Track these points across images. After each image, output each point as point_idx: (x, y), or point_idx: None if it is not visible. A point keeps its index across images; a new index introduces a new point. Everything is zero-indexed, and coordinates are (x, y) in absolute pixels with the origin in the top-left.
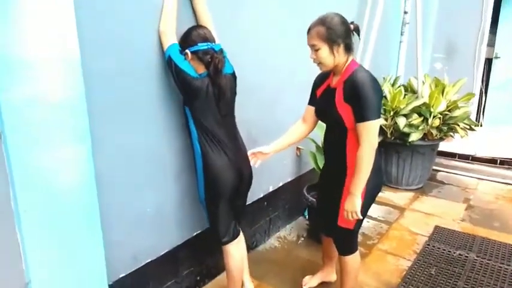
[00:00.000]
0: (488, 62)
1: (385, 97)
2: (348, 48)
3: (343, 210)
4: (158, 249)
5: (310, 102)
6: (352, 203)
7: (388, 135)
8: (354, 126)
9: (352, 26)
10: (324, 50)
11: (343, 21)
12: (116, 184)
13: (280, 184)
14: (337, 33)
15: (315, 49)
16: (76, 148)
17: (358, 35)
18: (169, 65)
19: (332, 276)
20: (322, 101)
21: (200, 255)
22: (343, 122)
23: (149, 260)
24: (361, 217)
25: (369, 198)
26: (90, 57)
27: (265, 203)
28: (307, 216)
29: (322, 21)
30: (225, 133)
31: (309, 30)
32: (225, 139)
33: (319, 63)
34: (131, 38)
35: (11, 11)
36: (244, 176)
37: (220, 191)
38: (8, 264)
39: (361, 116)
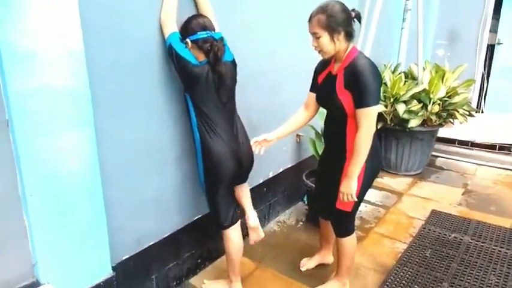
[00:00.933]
0: (491, 48)
1: (385, 84)
2: (349, 36)
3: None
4: (160, 233)
5: (312, 89)
6: (348, 186)
7: (388, 122)
8: (354, 113)
9: (353, 14)
10: (325, 38)
11: (344, 9)
12: (118, 170)
13: (280, 170)
14: (338, 20)
15: (316, 37)
16: (80, 135)
17: (360, 22)
18: (170, 53)
19: (329, 258)
20: (323, 87)
21: (201, 238)
22: (343, 109)
23: (152, 243)
24: (356, 199)
25: (366, 181)
26: (93, 48)
27: (265, 188)
28: (306, 202)
29: (323, 9)
30: (225, 120)
31: (310, 18)
32: (224, 126)
33: (320, 51)
34: (133, 28)
35: (17, 4)
36: (243, 162)
37: (220, 178)
38: (16, 246)
39: (361, 102)
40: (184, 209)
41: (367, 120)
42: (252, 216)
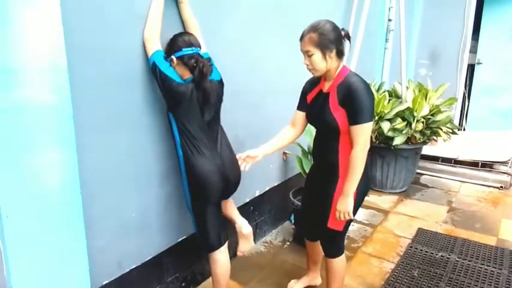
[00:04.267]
0: (471, 68)
1: None
2: (340, 54)
3: (334, 211)
4: (143, 255)
5: (300, 108)
6: (346, 204)
7: (373, 140)
8: (347, 130)
9: (343, 33)
10: (317, 56)
11: (335, 27)
12: (100, 189)
13: (267, 189)
14: (330, 38)
15: (308, 55)
16: (61, 153)
17: (349, 41)
18: (153, 72)
19: (317, 280)
20: (314, 106)
21: (185, 261)
22: (337, 126)
23: (134, 266)
24: (353, 217)
25: (359, 199)
26: (76, 65)
27: (252, 207)
28: (293, 221)
29: (314, 28)
30: (209, 138)
31: (302, 36)
32: (208, 144)
33: (312, 69)
34: (116, 44)
35: None
36: (230, 179)
37: (207, 197)
38: None
39: (356, 119)
40: (169, 230)
41: (363, 136)
42: (244, 224)
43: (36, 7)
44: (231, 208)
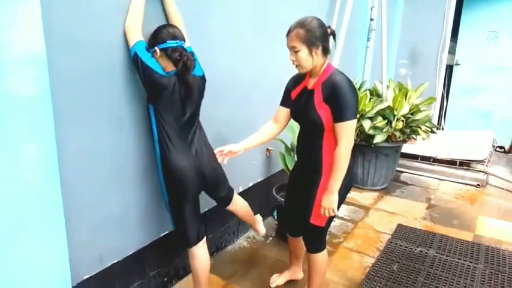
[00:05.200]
0: (450, 69)
1: None
2: (326, 51)
3: (318, 208)
4: (124, 250)
5: (283, 104)
6: (330, 200)
7: (355, 137)
8: (331, 127)
9: (329, 30)
10: (303, 52)
11: (321, 24)
12: (81, 184)
13: (250, 184)
14: (316, 35)
15: (294, 51)
16: (40, 147)
17: (335, 39)
18: (135, 62)
19: (299, 275)
20: (298, 102)
21: (167, 256)
22: (321, 123)
23: (115, 261)
24: (337, 213)
25: (343, 195)
26: (56, 57)
27: None
28: (276, 217)
29: (301, 24)
30: (186, 133)
31: (289, 32)
32: (184, 139)
33: (298, 65)
34: (98, 37)
35: None
36: (206, 174)
37: (183, 193)
38: None
39: (340, 116)
40: (150, 225)
41: (348, 133)
42: (261, 228)
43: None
44: (247, 215)
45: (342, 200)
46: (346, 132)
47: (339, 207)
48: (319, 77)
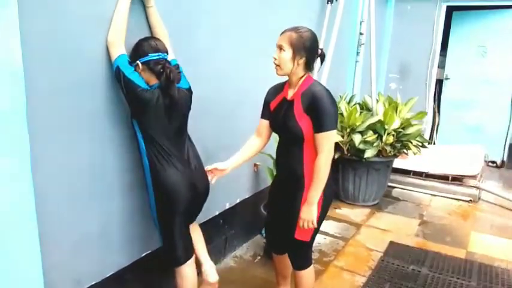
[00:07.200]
0: (439, 83)
1: (342, 114)
2: (309, 65)
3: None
4: (103, 271)
5: (263, 116)
6: (309, 212)
7: (345, 152)
8: (311, 137)
9: (319, 51)
10: (287, 54)
11: (315, 40)
12: (57, 201)
13: (237, 201)
14: (305, 45)
15: (280, 49)
16: (13, 162)
17: (322, 62)
18: (117, 76)
19: None
20: (278, 113)
21: (149, 277)
22: (301, 134)
23: (93, 283)
24: (316, 226)
25: (325, 208)
26: (34, 69)
27: (221, 220)
28: (264, 235)
29: (296, 29)
30: (176, 147)
31: (283, 32)
32: (176, 153)
33: (278, 66)
34: (78, 49)
35: None
36: (198, 190)
37: (174, 208)
38: None
39: (321, 126)
40: (131, 245)
41: (328, 144)
42: (211, 272)
43: None
44: (201, 244)
45: (324, 213)
46: (327, 142)
47: (321, 221)
48: (298, 87)
